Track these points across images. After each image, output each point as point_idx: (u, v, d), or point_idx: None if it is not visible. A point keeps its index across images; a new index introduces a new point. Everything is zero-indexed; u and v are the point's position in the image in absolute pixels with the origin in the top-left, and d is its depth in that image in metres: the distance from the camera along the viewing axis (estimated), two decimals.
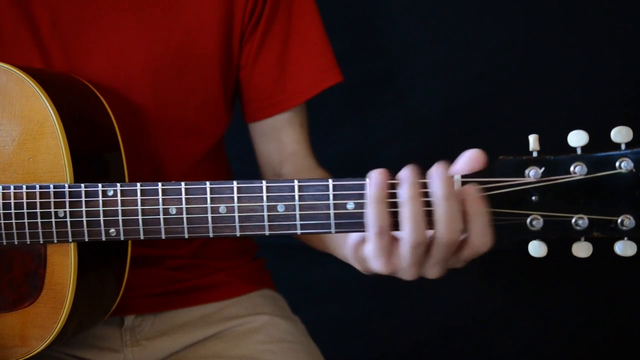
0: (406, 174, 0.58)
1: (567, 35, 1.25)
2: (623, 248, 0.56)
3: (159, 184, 0.65)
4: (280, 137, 0.91)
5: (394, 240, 0.60)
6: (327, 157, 0.95)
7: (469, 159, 0.59)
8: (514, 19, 1.25)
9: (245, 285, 0.93)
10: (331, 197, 0.60)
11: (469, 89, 1.26)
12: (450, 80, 1.26)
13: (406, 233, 0.59)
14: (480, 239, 0.58)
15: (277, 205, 0.61)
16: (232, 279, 0.92)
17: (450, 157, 0.61)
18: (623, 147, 0.55)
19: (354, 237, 0.64)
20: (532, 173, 0.57)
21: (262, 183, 0.62)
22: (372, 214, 0.59)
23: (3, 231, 0.69)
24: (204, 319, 0.89)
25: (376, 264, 0.62)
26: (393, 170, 0.60)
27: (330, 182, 0.61)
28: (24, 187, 0.69)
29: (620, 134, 0.55)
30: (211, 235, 0.63)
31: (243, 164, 1.02)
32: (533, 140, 0.57)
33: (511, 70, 1.26)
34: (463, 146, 0.60)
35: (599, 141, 0.56)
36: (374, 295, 1.35)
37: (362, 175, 0.61)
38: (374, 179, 0.59)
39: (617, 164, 0.55)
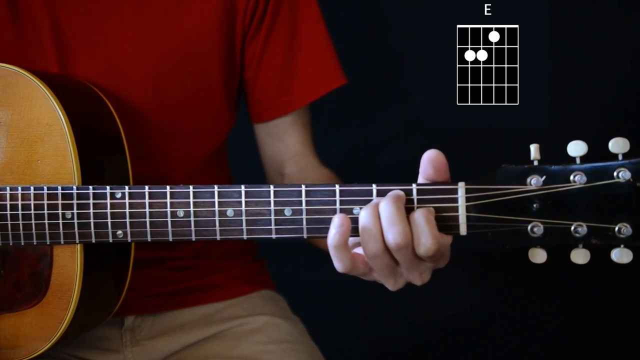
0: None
1: (568, 47, 1.26)
2: (619, 255, 0.58)
3: (167, 187, 0.65)
4: (284, 138, 0.92)
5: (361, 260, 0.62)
6: (327, 157, 0.95)
7: (428, 161, 0.60)
8: None
9: (246, 285, 0.93)
10: (338, 202, 0.62)
11: None
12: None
13: (363, 248, 0.61)
14: (421, 241, 0.59)
15: (284, 209, 0.63)
16: (232, 279, 0.93)
17: (450, 157, 0.62)
18: (620, 157, 0.57)
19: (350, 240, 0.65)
20: (534, 181, 0.58)
21: (269, 187, 0.63)
22: (334, 258, 0.61)
23: (9, 232, 0.70)
24: (204, 320, 0.89)
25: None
26: (392, 171, 0.62)
27: (337, 188, 0.62)
28: (32, 188, 0.69)
29: (617, 145, 0.57)
30: (218, 238, 0.64)
31: (243, 164, 1.03)
32: (534, 149, 0.58)
33: None
34: (463, 146, 0.61)
35: (598, 151, 0.58)
36: (374, 295, 1.34)
37: (362, 175, 0.62)
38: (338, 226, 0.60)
39: (615, 173, 0.57)
